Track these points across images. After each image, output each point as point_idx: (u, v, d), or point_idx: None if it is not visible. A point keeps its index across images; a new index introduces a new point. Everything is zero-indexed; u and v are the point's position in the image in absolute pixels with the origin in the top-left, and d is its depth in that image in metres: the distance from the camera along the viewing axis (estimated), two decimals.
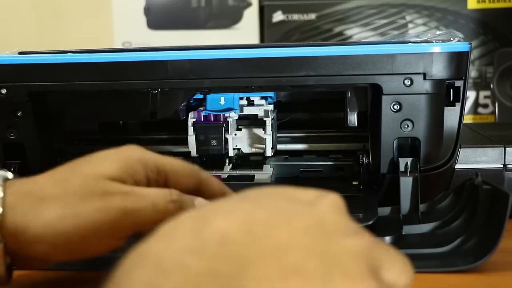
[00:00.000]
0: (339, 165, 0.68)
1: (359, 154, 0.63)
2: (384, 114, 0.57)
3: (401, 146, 0.58)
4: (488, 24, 1.04)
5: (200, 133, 0.67)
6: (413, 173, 0.57)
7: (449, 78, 0.57)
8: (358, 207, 0.56)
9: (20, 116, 0.60)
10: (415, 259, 0.49)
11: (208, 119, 0.67)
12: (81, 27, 1.20)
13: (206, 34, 1.10)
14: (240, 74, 0.57)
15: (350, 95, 0.63)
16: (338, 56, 0.56)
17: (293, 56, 0.56)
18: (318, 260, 0.28)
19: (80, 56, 0.59)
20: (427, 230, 0.54)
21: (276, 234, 0.28)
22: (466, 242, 0.50)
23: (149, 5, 1.11)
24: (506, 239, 0.47)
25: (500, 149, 0.61)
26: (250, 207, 0.30)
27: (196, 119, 0.67)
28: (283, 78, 0.57)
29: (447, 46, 0.56)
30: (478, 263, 0.47)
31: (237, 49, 0.57)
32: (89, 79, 0.59)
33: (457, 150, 0.60)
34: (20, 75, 0.59)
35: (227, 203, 0.32)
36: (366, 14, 1.06)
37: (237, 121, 0.69)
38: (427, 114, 0.57)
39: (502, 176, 0.61)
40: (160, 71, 0.57)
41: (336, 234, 0.30)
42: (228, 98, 0.66)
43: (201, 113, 0.68)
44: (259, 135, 0.68)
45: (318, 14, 1.07)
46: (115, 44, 1.11)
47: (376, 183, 0.60)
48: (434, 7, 1.05)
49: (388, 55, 0.56)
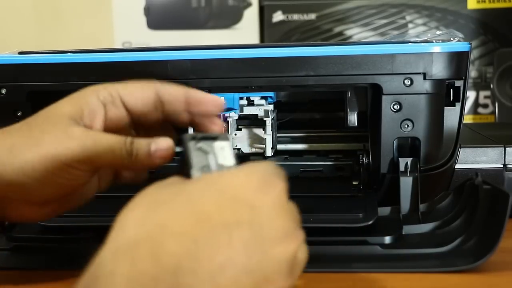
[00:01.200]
0: (339, 165, 0.68)
1: (359, 154, 0.63)
2: (384, 114, 0.57)
3: (401, 146, 0.58)
4: (488, 24, 1.04)
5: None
6: (413, 173, 0.57)
7: (449, 78, 0.57)
8: (358, 207, 0.56)
9: (20, 116, 0.60)
10: (415, 259, 0.50)
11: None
12: (81, 27, 1.20)
13: (206, 34, 1.10)
14: (240, 74, 0.57)
15: (350, 95, 0.63)
16: (338, 56, 0.56)
17: (293, 56, 0.56)
18: (249, 277, 0.32)
19: (80, 56, 0.59)
20: (427, 230, 0.54)
21: (217, 254, 0.31)
22: (466, 242, 0.50)
23: (149, 5, 1.11)
24: (506, 239, 0.47)
25: (500, 149, 0.61)
26: (193, 223, 0.32)
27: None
28: (283, 78, 0.57)
29: (447, 46, 0.56)
30: (478, 263, 0.47)
31: (237, 49, 0.57)
32: (89, 79, 0.58)
33: (457, 150, 0.60)
34: (20, 75, 0.59)
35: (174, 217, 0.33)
36: (366, 14, 1.06)
37: (237, 121, 0.69)
38: (427, 114, 0.57)
39: (502, 176, 0.61)
40: (160, 71, 0.57)
41: (270, 243, 0.33)
42: (228, 98, 0.66)
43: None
44: (259, 135, 0.68)
45: (318, 14, 1.07)
46: (115, 44, 1.11)
47: (376, 183, 0.60)
48: (434, 7, 1.05)
49: (388, 55, 0.56)
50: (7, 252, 0.53)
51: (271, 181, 0.35)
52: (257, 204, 0.34)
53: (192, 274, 0.31)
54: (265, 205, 0.34)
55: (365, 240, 0.51)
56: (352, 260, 0.50)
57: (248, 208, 0.34)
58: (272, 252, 0.33)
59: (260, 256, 0.33)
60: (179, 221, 0.32)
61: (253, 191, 0.35)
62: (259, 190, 0.35)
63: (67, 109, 0.44)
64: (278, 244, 0.34)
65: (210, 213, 0.33)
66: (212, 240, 0.32)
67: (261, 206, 0.34)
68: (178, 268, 0.30)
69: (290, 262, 0.34)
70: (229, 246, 0.32)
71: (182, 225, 0.32)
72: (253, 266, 0.32)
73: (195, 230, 0.32)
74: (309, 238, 0.51)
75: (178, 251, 0.31)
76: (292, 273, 0.34)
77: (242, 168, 0.36)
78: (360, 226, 0.52)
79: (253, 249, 0.32)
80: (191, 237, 0.32)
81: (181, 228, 0.32)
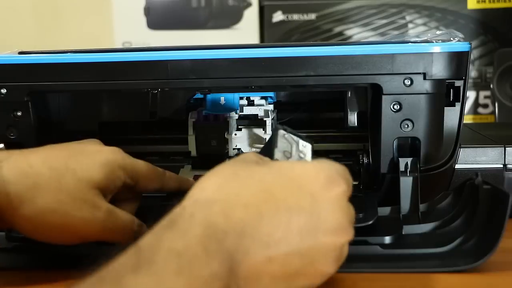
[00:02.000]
0: None
1: (359, 154, 0.63)
2: (384, 114, 0.57)
3: (401, 146, 0.58)
4: (488, 24, 1.04)
5: (200, 133, 0.67)
6: (413, 173, 0.57)
7: (449, 78, 0.57)
8: (358, 207, 0.56)
9: (20, 116, 0.60)
10: (415, 259, 0.50)
11: (208, 119, 0.67)
12: (81, 27, 1.20)
13: (206, 34, 1.10)
14: (240, 74, 0.57)
15: (350, 95, 0.63)
16: (338, 56, 0.56)
17: (293, 56, 0.56)
18: (298, 257, 0.37)
19: (80, 56, 0.59)
20: (427, 230, 0.54)
21: (276, 231, 0.37)
22: (466, 242, 0.50)
23: (149, 5, 1.11)
24: (506, 239, 0.47)
25: (500, 149, 0.61)
26: (262, 199, 0.37)
27: (196, 119, 0.67)
28: (283, 78, 0.57)
29: (447, 46, 0.56)
30: (478, 263, 0.47)
31: (237, 49, 0.57)
32: (89, 79, 0.58)
33: (457, 150, 0.60)
34: (20, 75, 0.59)
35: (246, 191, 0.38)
36: (366, 14, 1.06)
37: (237, 121, 0.69)
38: (427, 114, 0.57)
39: (502, 176, 0.61)
40: (160, 71, 0.57)
41: (323, 232, 0.38)
42: (228, 98, 0.66)
43: (201, 113, 0.68)
44: (259, 135, 0.68)
45: (318, 14, 1.07)
46: (115, 44, 1.11)
47: (376, 183, 0.60)
48: (434, 7, 1.05)
49: (388, 55, 0.56)
50: (7, 252, 0.53)
51: (336, 181, 0.40)
52: (319, 197, 0.38)
53: (251, 239, 0.36)
54: (326, 200, 0.39)
55: (365, 240, 0.51)
56: (352, 260, 0.49)
57: (311, 199, 0.38)
58: (324, 240, 0.38)
59: (312, 241, 0.37)
60: (251, 195, 0.38)
61: (319, 186, 0.39)
62: (324, 187, 0.39)
63: (97, 179, 0.47)
64: (330, 234, 0.38)
65: (277, 195, 0.38)
66: (274, 218, 0.37)
67: (322, 200, 0.38)
68: (242, 231, 0.36)
69: (337, 252, 0.38)
70: (287, 226, 0.37)
71: (252, 199, 0.37)
72: (304, 249, 0.37)
73: (262, 205, 0.37)
74: None
75: (245, 218, 0.36)
76: (336, 263, 0.39)
77: (314, 163, 0.41)
78: (360, 226, 0.52)
79: (307, 234, 0.37)
80: (258, 211, 0.37)
81: (251, 201, 0.37)
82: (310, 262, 0.37)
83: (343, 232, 0.39)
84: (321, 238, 0.37)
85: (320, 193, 0.39)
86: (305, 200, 0.38)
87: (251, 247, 0.36)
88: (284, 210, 0.37)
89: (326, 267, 0.38)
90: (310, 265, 0.37)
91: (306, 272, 0.37)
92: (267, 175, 0.39)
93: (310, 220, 0.37)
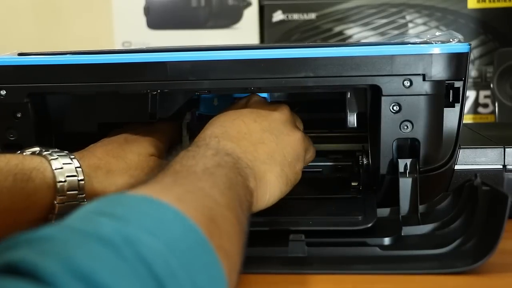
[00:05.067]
0: (339, 165, 0.68)
1: (359, 155, 0.63)
2: (383, 115, 0.57)
3: (401, 147, 0.58)
4: (488, 24, 1.04)
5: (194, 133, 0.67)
6: (413, 174, 0.57)
7: (448, 79, 0.57)
8: (357, 209, 0.56)
9: (20, 117, 0.60)
10: (414, 260, 0.50)
11: (202, 119, 0.67)
12: (81, 27, 1.20)
13: (206, 34, 1.10)
14: (239, 76, 0.57)
15: (350, 96, 0.63)
16: (337, 57, 0.56)
17: (293, 58, 0.56)
18: (272, 135, 0.55)
19: (80, 58, 0.59)
20: (427, 231, 0.54)
21: (252, 131, 0.54)
22: (465, 243, 0.50)
23: (149, 5, 1.11)
24: (505, 240, 0.47)
25: (500, 149, 0.61)
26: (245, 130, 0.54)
27: (189, 119, 0.67)
28: (282, 80, 0.57)
29: (446, 47, 0.56)
30: (477, 264, 0.47)
31: (236, 50, 0.57)
32: (88, 80, 0.58)
33: (456, 151, 0.60)
34: (20, 76, 0.59)
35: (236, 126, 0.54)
36: (366, 14, 1.06)
37: None
38: (427, 115, 0.57)
39: (501, 177, 0.61)
40: (159, 72, 0.57)
41: (280, 131, 0.55)
42: (221, 98, 0.66)
43: (194, 114, 0.68)
44: None
45: (318, 13, 1.07)
46: (115, 44, 1.11)
47: (375, 184, 0.60)
48: (434, 6, 1.05)
49: (387, 56, 0.56)
50: None
51: (281, 109, 0.58)
52: (270, 115, 0.56)
53: (246, 154, 0.51)
54: (275, 115, 0.56)
55: (364, 242, 0.51)
56: (351, 261, 0.50)
57: (265, 117, 0.56)
58: (288, 139, 0.55)
59: (276, 133, 0.55)
60: (240, 129, 0.53)
61: (268, 109, 0.57)
62: (271, 109, 0.57)
63: (150, 151, 0.61)
64: (285, 134, 0.55)
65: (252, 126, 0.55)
66: (255, 138, 0.53)
67: (273, 116, 0.56)
68: (243, 151, 0.51)
69: (301, 141, 0.57)
70: (258, 125, 0.55)
71: (242, 130, 0.53)
72: (273, 134, 0.54)
73: (247, 134, 0.53)
74: (309, 240, 0.51)
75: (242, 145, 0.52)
76: (302, 157, 0.57)
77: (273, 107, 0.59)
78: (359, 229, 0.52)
79: (270, 130, 0.55)
80: (248, 138, 0.53)
81: (243, 131, 0.53)
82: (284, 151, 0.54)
83: (293, 129, 0.57)
84: (285, 137, 0.55)
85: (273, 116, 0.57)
86: (267, 124, 0.56)
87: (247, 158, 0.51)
88: (259, 132, 0.54)
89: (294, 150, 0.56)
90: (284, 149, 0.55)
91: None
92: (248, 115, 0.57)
93: (274, 131, 0.55)
